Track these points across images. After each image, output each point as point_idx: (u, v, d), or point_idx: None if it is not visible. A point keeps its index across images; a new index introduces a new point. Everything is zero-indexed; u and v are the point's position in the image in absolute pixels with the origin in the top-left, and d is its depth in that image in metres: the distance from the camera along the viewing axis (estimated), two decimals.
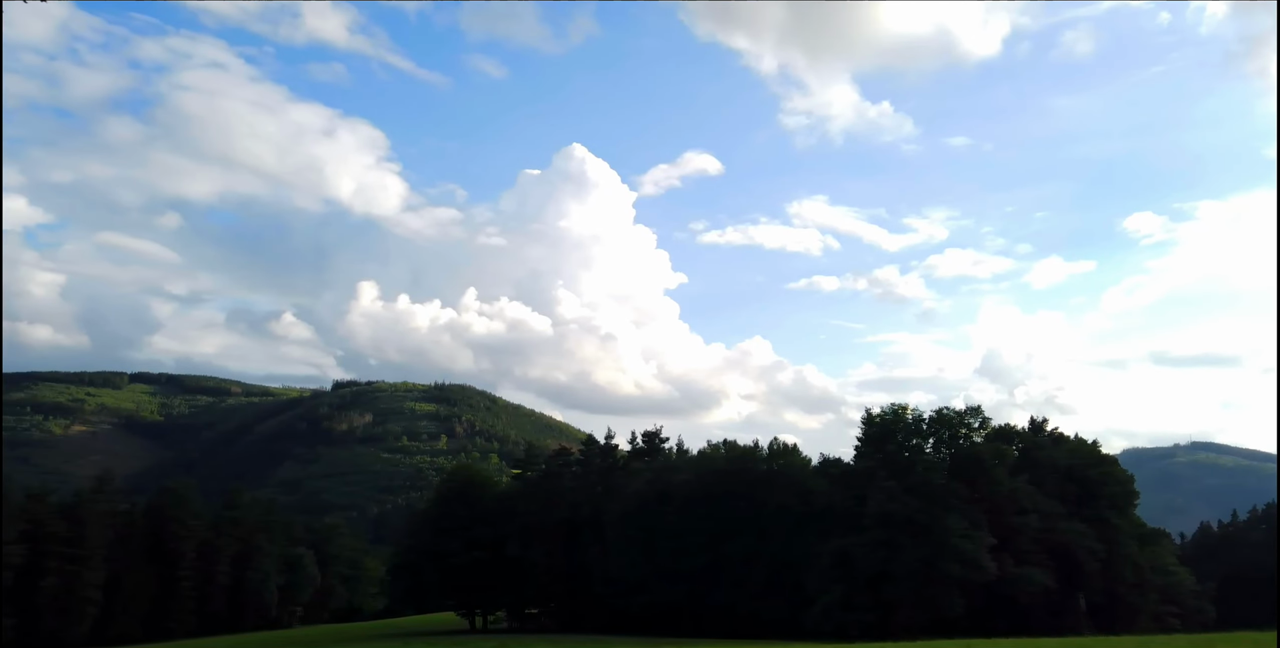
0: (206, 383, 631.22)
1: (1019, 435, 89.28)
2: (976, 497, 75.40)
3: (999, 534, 72.97)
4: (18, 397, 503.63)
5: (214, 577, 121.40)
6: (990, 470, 77.55)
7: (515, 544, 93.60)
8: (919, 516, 71.38)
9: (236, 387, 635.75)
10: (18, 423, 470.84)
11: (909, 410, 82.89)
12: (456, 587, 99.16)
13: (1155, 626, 77.92)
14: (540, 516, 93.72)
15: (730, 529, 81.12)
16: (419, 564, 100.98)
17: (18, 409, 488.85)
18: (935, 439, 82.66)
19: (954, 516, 71.72)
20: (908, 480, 74.05)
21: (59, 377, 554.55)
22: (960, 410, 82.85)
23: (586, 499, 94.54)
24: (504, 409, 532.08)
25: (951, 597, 70.06)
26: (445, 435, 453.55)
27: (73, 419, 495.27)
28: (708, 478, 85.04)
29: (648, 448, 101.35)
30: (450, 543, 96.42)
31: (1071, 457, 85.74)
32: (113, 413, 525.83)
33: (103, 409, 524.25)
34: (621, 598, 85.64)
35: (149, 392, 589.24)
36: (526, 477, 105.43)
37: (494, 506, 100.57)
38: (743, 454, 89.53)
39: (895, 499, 72.36)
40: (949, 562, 69.39)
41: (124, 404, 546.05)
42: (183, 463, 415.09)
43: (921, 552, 70.09)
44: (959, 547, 69.79)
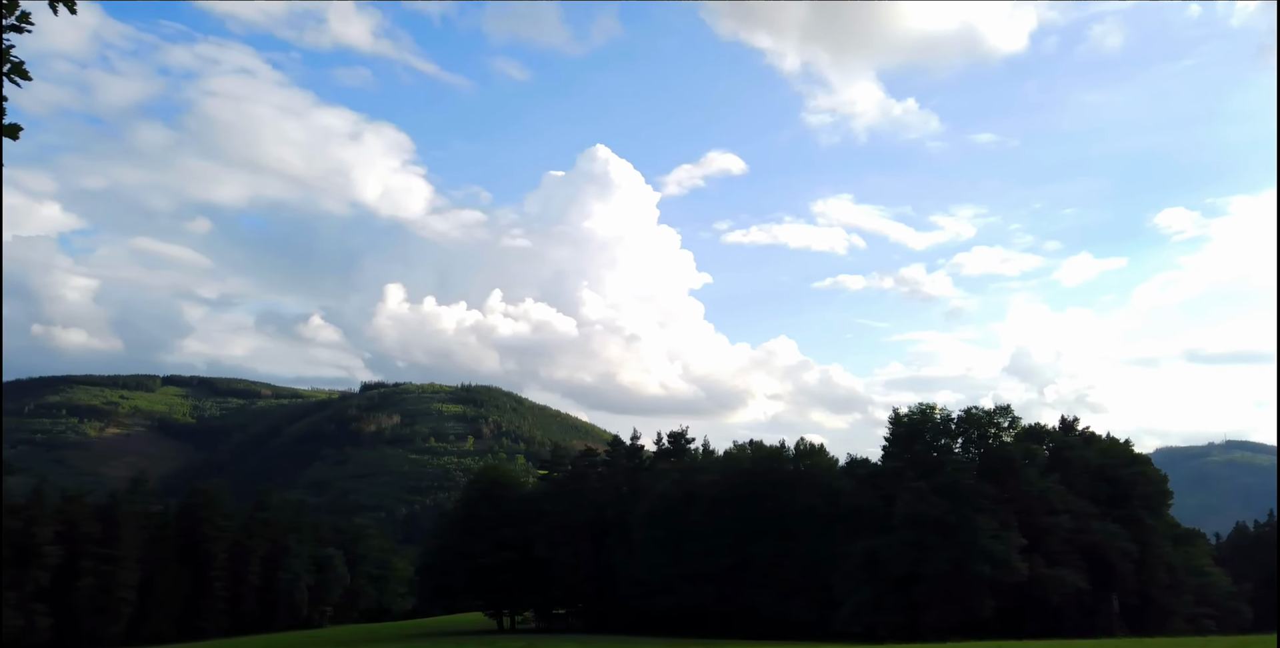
0: (237, 385, 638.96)
1: (1049, 435, 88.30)
2: (1006, 497, 74.62)
3: (1030, 535, 72.18)
4: (54, 400, 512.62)
5: (245, 577, 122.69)
6: (1020, 470, 76.73)
7: (542, 545, 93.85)
8: (948, 516, 70.77)
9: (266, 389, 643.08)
10: (54, 426, 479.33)
11: (937, 410, 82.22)
12: (484, 587, 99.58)
13: (1189, 628, 76.72)
14: (567, 516, 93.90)
15: (757, 530, 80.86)
16: (447, 565, 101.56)
17: (53, 412, 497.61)
18: (964, 439, 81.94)
19: (984, 516, 71.04)
20: (936, 481, 73.42)
21: (93, 380, 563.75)
22: (989, 410, 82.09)
23: (613, 500, 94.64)
24: (530, 410, 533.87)
25: (981, 598, 69.39)
26: (472, 436, 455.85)
27: (107, 422, 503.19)
28: (734, 479, 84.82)
29: (673, 449, 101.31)
30: (478, 544, 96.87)
31: (1103, 456, 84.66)
32: (146, 415, 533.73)
33: (136, 412, 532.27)
34: (648, 599, 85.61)
35: (181, 394, 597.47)
36: (553, 478, 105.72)
37: (521, 506, 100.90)
38: (769, 455, 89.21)
39: (924, 500, 71.76)
40: (979, 563, 68.73)
41: (157, 407, 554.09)
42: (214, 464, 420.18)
43: (951, 553, 69.47)
44: (989, 548, 69.11)
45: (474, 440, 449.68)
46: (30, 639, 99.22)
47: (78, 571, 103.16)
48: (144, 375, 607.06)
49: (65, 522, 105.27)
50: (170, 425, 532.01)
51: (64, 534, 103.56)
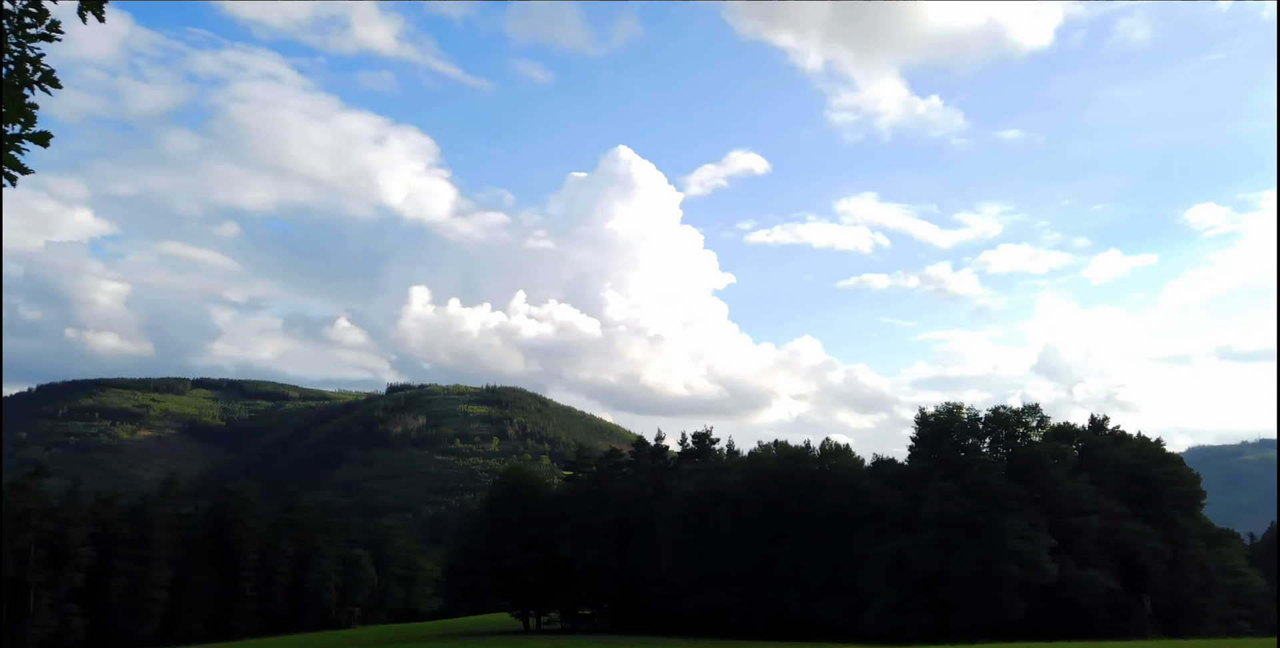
0: (265, 388, 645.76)
1: (1079, 434, 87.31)
2: (1035, 497, 73.88)
3: (1059, 535, 71.40)
4: (87, 403, 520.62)
5: (275, 577, 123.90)
6: (1050, 470, 75.92)
7: (568, 545, 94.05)
8: (976, 516, 70.18)
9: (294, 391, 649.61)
10: (87, 429, 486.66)
11: (964, 410, 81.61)
12: (510, 588, 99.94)
13: (1223, 629, 75.55)
14: (592, 517, 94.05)
15: (782, 531, 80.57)
16: (474, 565, 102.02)
17: (87, 415, 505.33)
18: (992, 439, 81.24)
19: (1012, 516, 70.37)
20: (964, 481, 72.82)
21: (125, 383, 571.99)
22: (1017, 409, 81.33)
23: (638, 501, 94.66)
24: (554, 411, 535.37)
25: (1010, 599, 68.74)
26: (497, 437, 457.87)
27: (139, 424, 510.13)
28: (759, 479, 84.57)
29: (698, 449, 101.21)
30: (504, 544, 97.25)
31: (1134, 456, 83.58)
32: (177, 418, 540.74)
33: (167, 414, 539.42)
34: (674, 599, 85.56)
35: (211, 397, 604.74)
36: (578, 478, 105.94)
37: (546, 507, 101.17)
38: (794, 455, 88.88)
39: (951, 500, 71.20)
40: (1007, 563, 68.08)
41: (187, 409, 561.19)
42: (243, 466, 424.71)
43: (979, 553, 68.88)
44: (1018, 548, 68.44)
45: (499, 441, 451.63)
46: (65, 640, 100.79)
47: (111, 571, 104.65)
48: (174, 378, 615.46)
49: (99, 523, 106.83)
50: (200, 428, 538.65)
51: (98, 536, 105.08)
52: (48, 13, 5.82)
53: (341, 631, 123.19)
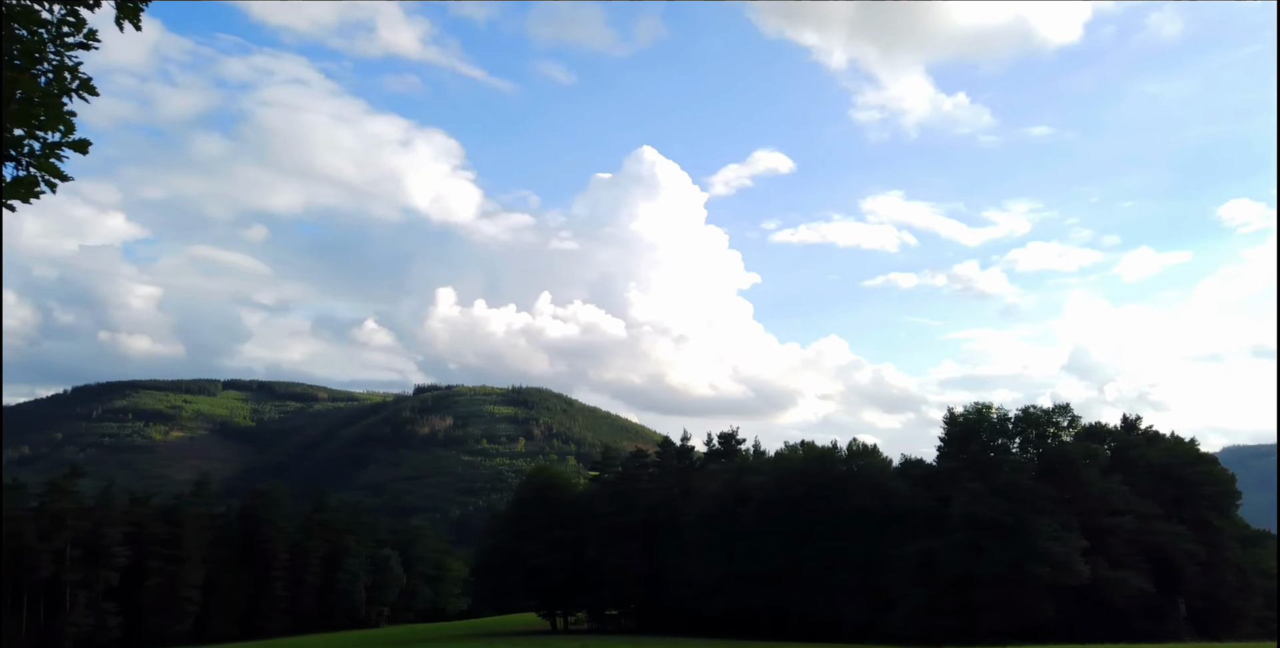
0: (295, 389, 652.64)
1: (1111, 434, 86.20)
2: (1067, 498, 73.01)
3: (1091, 537, 70.50)
4: (120, 404, 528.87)
5: (305, 577, 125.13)
6: (1081, 471, 75.00)
7: (594, 546, 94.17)
8: (1006, 517, 69.45)
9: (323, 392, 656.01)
10: (120, 430, 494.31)
11: (993, 409, 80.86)
12: (537, 588, 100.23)
13: (1259, 632, 74.18)
14: (618, 517, 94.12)
15: (809, 531, 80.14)
16: (501, 565, 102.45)
17: (120, 416, 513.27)
18: (1022, 439, 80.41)
19: (1043, 517, 69.57)
20: (994, 481, 72.12)
21: (158, 385, 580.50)
22: (1048, 409, 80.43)
23: (663, 501, 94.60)
24: (580, 412, 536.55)
25: (1041, 601, 67.97)
26: (523, 438, 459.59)
27: (171, 426, 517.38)
28: (786, 480, 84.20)
29: (724, 449, 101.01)
30: (530, 545, 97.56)
31: (1168, 456, 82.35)
32: (208, 419, 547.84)
33: (199, 416, 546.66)
34: (700, 600, 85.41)
35: (241, 398, 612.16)
36: (604, 479, 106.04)
37: (572, 507, 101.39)
38: (821, 455, 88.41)
39: (981, 501, 70.53)
40: (1038, 565, 67.31)
41: (218, 410, 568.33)
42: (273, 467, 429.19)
43: (1009, 554, 68.16)
44: (1049, 549, 67.65)
45: (525, 442, 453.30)
46: (100, 638, 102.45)
47: (145, 571, 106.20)
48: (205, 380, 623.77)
49: (133, 523, 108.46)
50: (231, 429, 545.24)
51: (132, 536, 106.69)
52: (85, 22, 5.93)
53: (370, 630, 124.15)
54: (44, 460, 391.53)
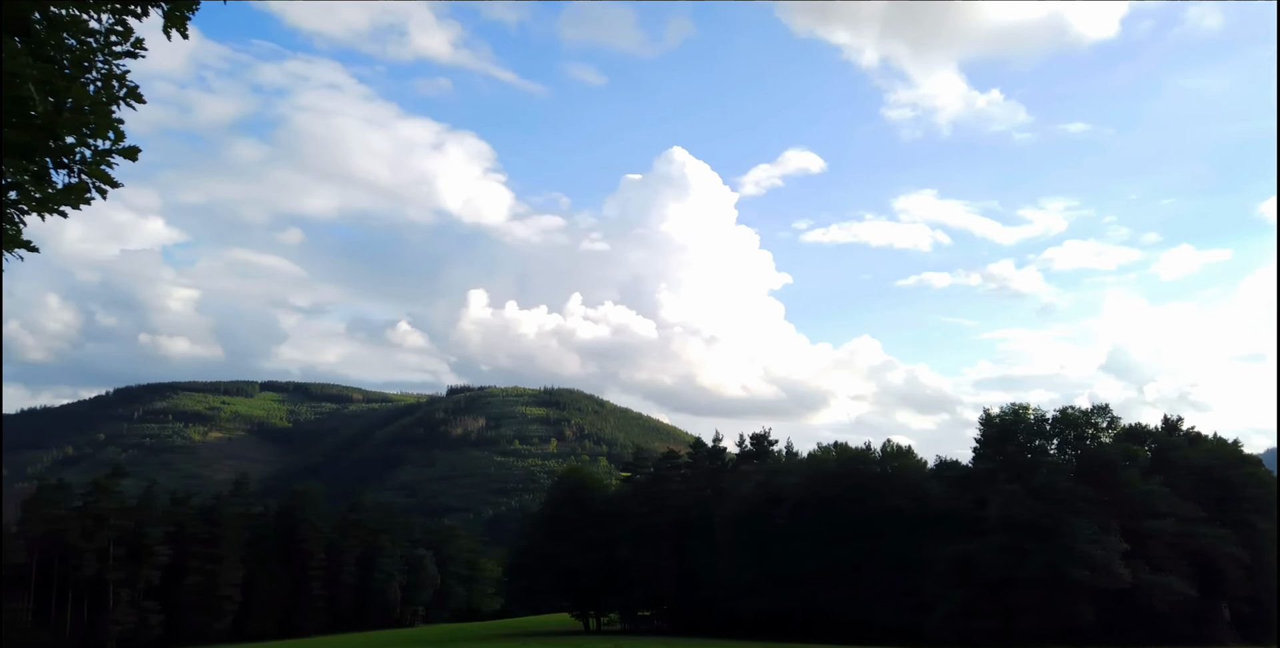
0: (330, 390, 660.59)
1: (1151, 435, 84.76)
2: (1106, 500, 71.87)
3: (1132, 539, 69.32)
4: (160, 406, 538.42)
5: (340, 577, 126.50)
6: (1121, 472, 73.79)
7: (626, 547, 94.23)
8: (1044, 519, 68.51)
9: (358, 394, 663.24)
10: (161, 431, 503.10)
11: (1030, 410, 79.80)
12: (570, 588, 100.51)
13: None
14: (650, 518, 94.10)
15: (843, 533, 79.58)
16: (533, 566, 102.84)
17: (161, 417, 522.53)
18: (1060, 440, 79.28)
19: (1082, 520, 68.54)
20: (1031, 483, 71.19)
21: (196, 386, 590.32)
22: (1086, 409, 79.24)
23: (695, 502, 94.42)
24: (611, 412, 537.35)
25: (1081, 604, 66.97)
26: (555, 439, 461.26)
27: (210, 426, 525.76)
28: (819, 481, 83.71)
29: (756, 450, 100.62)
30: (563, 545, 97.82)
31: (1210, 457, 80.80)
32: (246, 420, 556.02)
33: (236, 417, 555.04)
34: (733, 601, 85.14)
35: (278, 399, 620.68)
36: (636, 480, 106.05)
37: (604, 508, 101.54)
38: (855, 457, 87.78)
39: (1018, 503, 69.63)
40: (1077, 568, 66.32)
41: (255, 412, 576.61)
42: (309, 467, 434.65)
43: (1047, 557, 67.23)
44: (1088, 552, 66.62)
45: (557, 443, 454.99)
46: (143, 635, 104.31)
47: (185, 569, 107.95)
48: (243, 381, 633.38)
49: (173, 523, 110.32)
50: (268, 429, 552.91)
51: (172, 535, 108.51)
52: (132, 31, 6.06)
53: (406, 630, 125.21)
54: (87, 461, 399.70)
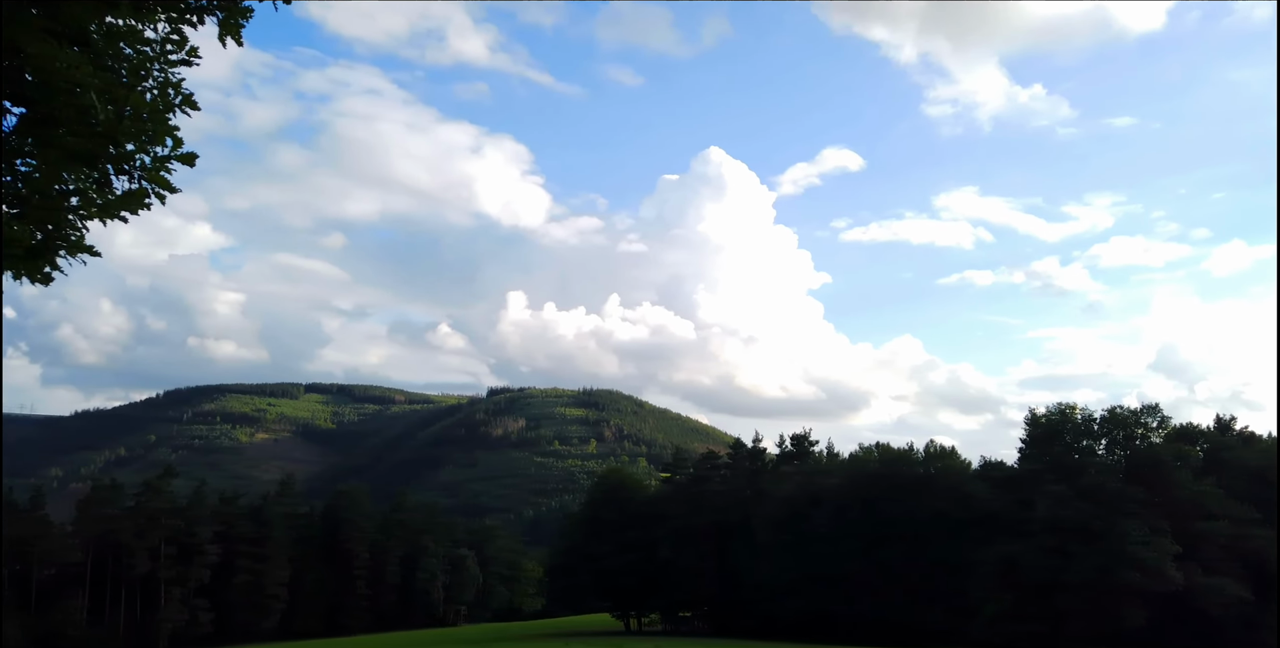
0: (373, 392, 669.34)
1: (1203, 435, 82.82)
2: (1156, 501, 70.35)
3: (1183, 542, 67.78)
4: (209, 408, 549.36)
5: (384, 576, 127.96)
6: (1171, 473, 72.20)
7: (666, 548, 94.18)
8: (1093, 521, 67.28)
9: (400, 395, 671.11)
10: (209, 432, 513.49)
11: (1077, 410, 78.43)
12: (610, 589, 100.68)
13: None
14: (690, 519, 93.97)
15: (885, 534, 78.82)
16: (574, 566, 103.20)
17: (209, 419, 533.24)
18: (1108, 440, 77.82)
19: (1132, 521, 67.20)
20: (1079, 484, 69.96)
21: (243, 388, 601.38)
22: (1135, 409, 77.69)
23: (735, 503, 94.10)
24: (650, 413, 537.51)
25: (1131, 607, 65.63)
26: (594, 440, 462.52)
27: (256, 428, 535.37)
28: (860, 482, 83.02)
29: (796, 451, 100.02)
30: (602, 546, 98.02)
31: (1264, 457, 78.63)
32: (291, 422, 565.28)
33: (282, 418, 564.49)
34: (773, 603, 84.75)
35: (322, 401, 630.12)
36: (675, 481, 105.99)
37: (644, 509, 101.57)
38: (897, 457, 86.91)
39: (1065, 504, 68.45)
40: (1127, 570, 65.02)
41: (300, 413, 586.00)
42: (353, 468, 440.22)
43: (1096, 560, 65.99)
44: (1137, 555, 65.29)
45: (596, 444, 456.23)
46: (193, 632, 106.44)
47: (234, 568, 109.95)
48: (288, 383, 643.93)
49: (222, 522, 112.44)
50: (313, 431, 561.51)
51: (221, 534, 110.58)
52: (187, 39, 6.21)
53: (450, 629, 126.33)
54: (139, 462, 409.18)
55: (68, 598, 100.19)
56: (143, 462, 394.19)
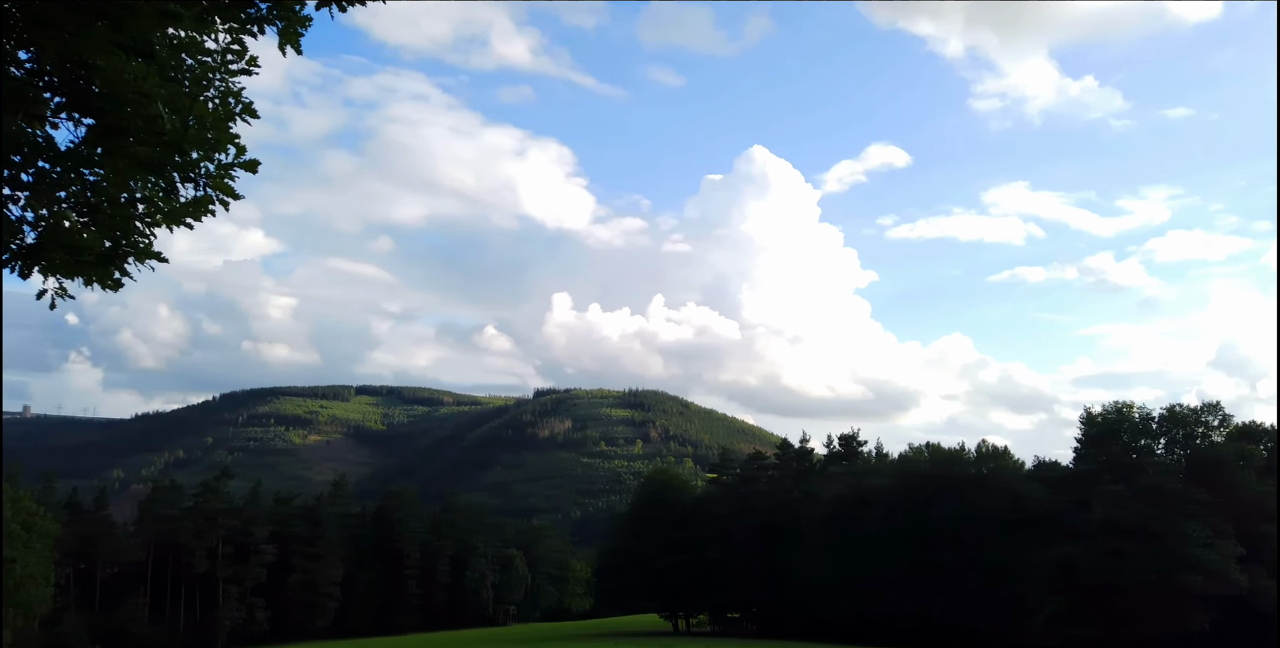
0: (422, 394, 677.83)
1: (1267, 434, 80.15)
2: (1218, 502, 68.38)
3: (1247, 543, 65.84)
4: (263, 410, 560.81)
5: (435, 576, 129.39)
6: (1234, 473, 70.18)
7: (713, 548, 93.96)
8: (1152, 523, 65.62)
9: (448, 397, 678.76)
10: (264, 434, 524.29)
11: (1134, 408, 76.60)
12: (657, 589, 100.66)
13: None
14: (737, 520, 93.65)
15: (935, 536, 77.72)
16: (621, 567, 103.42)
17: (264, 421, 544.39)
18: (1167, 439, 75.93)
19: (1193, 523, 65.45)
20: (1137, 484, 68.30)
21: (296, 391, 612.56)
22: (1195, 407, 75.66)
23: (783, 504, 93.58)
24: (696, 414, 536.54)
25: (1192, 611, 63.89)
26: (640, 440, 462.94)
27: (309, 430, 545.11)
28: (911, 482, 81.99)
29: (844, 451, 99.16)
30: (650, 546, 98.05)
31: None
32: (342, 423, 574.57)
33: (334, 420, 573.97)
34: (823, 604, 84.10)
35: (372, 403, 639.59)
36: (722, 481, 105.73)
37: (691, 509, 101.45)
38: (948, 458, 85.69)
39: (1123, 505, 66.86)
40: (1188, 573, 63.34)
41: (352, 415, 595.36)
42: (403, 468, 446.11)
43: (1156, 562, 64.38)
44: (1199, 557, 63.56)
45: (642, 444, 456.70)
46: (250, 631, 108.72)
47: (289, 567, 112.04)
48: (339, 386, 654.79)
49: (277, 522, 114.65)
50: (364, 432, 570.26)
51: (276, 534, 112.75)
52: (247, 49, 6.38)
53: (499, 628, 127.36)
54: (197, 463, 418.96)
55: (130, 596, 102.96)
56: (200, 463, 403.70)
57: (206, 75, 6.37)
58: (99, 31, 5.52)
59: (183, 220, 6.32)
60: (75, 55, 5.70)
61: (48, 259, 6.32)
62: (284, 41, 6.41)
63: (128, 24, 5.65)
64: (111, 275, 6.36)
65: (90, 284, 6.38)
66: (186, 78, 6.28)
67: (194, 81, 6.29)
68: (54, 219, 6.29)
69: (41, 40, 5.59)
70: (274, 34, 6.39)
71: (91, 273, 6.25)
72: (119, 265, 6.34)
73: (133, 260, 6.39)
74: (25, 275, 6.37)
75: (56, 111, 6.08)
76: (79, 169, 6.19)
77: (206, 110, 6.20)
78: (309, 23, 6.33)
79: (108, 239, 6.31)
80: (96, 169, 6.17)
